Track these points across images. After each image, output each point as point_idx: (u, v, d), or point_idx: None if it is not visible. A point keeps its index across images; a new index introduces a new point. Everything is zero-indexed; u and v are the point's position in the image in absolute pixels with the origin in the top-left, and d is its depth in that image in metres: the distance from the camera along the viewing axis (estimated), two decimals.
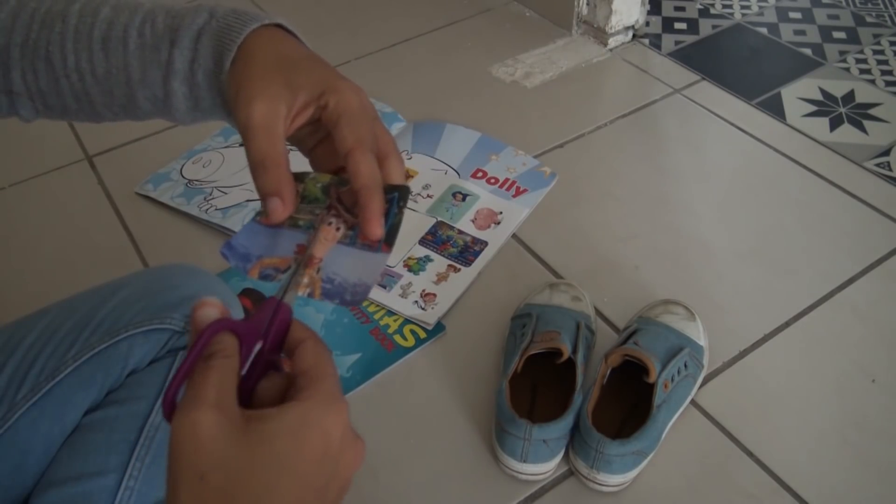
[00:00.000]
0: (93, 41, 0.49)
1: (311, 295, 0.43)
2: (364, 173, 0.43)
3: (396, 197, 0.45)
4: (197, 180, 1.15)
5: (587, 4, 1.43)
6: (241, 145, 1.21)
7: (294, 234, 0.44)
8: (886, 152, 1.19)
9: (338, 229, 0.44)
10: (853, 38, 1.46)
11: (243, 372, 0.37)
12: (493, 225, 1.08)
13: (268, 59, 0.45)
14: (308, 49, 0.48)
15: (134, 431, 0.65)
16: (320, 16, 1.58)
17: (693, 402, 0.85)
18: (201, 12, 0.49)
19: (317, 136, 0.48)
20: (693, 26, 1.50)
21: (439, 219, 1.08)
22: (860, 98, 1.30)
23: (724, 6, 1.56)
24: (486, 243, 1.05)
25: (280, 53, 0.46)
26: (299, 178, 0.45)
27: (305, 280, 0.43)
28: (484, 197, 1.12)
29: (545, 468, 0.77)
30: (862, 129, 1.24)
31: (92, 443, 0.65)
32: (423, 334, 0.93)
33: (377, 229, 0.43)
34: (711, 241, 1.05)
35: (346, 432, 0.37)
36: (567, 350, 0.80)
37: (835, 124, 1.25)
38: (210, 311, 0.40)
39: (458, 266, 1.01)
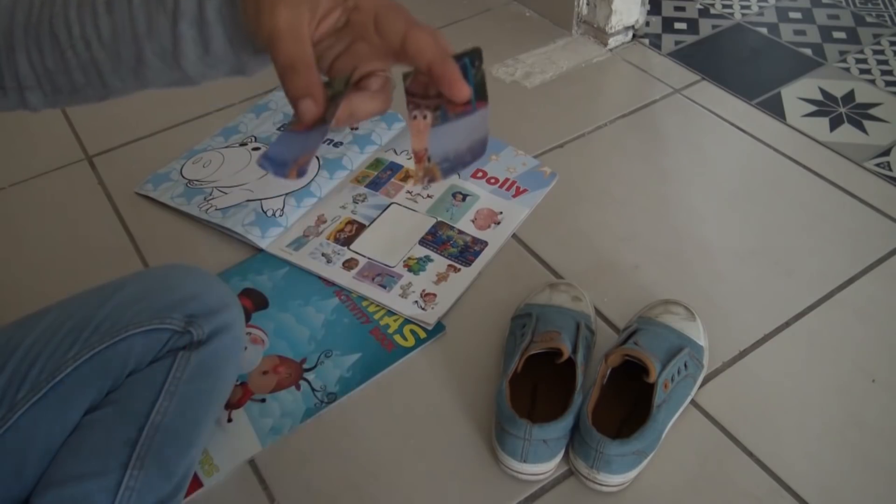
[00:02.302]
0: (96, 5, 0.49)
1: (432, 180, 0.45)
2: (428, 46, 0.43)
3: (468, 61, 0.45)
4: (197, 180, 1.15)
5: (587, 4, 1.43)
6: (241, 145, 1.21)
7: (322, 128, 0.44)
8: (886, 152, 1.19)
9: (424, 117, 0.45)
10: (853, 38, 1.46)
11: None
12: (493, 225, 1.08)
13: None
14: None
15: (134, 431, 0.65)
16: None
17: (693, 402, 0.85)
18: None
19: (337, 48, 0.47)
20: (693, 26, 1.50)
21: (439, 219, 1.08)
22: (860, 98, 1.30)
23: (724, 6, 1.56)
24: (486, 243, 1.05)
25: None
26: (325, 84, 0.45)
27: (421, 173, 0.45)
28: (484, 197, 1.12)
29: (545, 468, 0.77)
30: (862, 129, 1.24)
31: (92, 443, 0.65)
32: (423, 334, 0.93)
33: (462, 88, 0.43)
34: (711, 241, 1.05)
35: None
36: (567, 350, 0.80)
37: (835, 124, 1.25)
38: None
39: (458, 266, 1.01)
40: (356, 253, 1.03)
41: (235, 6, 0.46)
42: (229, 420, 0.85)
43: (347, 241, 1.05)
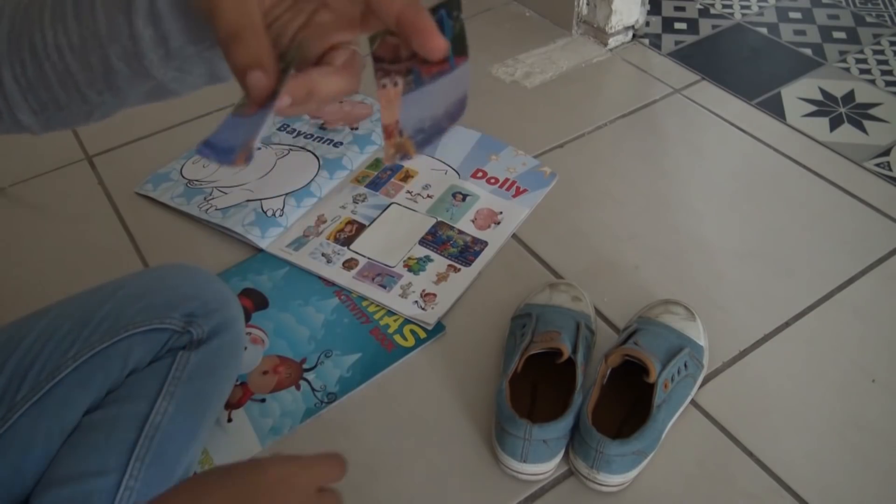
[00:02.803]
0: (66, 11, 0.48)
1: (405, 157, 0.39)
2: None
3: (444, 13, 0.38)
4: (197, 180, 1.15)
5: (587, 4, 1.43)
6: None
7: (269, 104, 0.38)
8: (886, 152, 1.19)
9: (395, 84, 0.39)
10: (853, 38, 1.46)
11: None
12: (493, 225, 1.08)
13: None
14: None
15: (134, 431, 0.65)
16: None
17: (693, 402, 0.85)
18: None
19: (297, 20, 0.42)
20: (693, 26, 1.50)
21: (439, 219, 1.08)
22: (860, 98, 1.30)
23: (724, 6, 1.56)
24: (486, 243, 1.05)
25: None
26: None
27: (392, 150, 0.39)
28: (484, 197, 1.12)
29: (545, 468, 0.77)
30: (862, 129, 1.24)
31: (92, 442, 0.65)
32: (423, 334, 0.93)
33: (438, 41, 0.36)
34: (711, 241, 1.05)
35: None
36: (567, 350, 0.80)
37: (835, 124, 1.25)
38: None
39: (458, 266, 1.01)
40: (356, 253, 1.03)
41: None
42: (229, 420, 0.85)
43: (347, 241, 1.05)
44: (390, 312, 0.96)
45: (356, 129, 1.24)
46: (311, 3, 0.41)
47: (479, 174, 1.16)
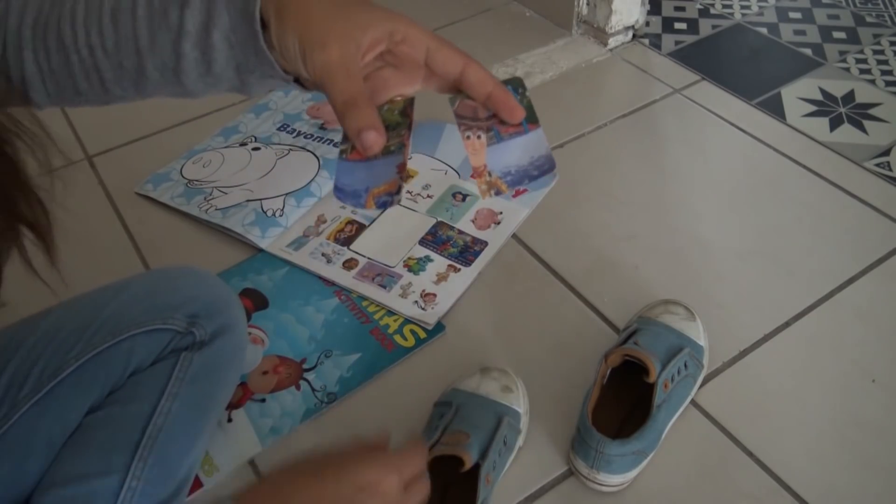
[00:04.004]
0: (102, 13, 0.49)
1: (498, 192, 0.48)
2: (488, 77, 0.48)
3: (512, 88, 0.50)
4: (197, 180, 1.15)
5: (587, 4, 1.43)
6: (241, 145, 1.21)
7: (388, 159, 0.47)
8: (886, 152, 1.19)
9: (479, 137, 0.49)
10: (853, 38, 1.46)
11: None
12: (493, 225, 1.08)
13: (318, 1, 0.46)
14: None
15: (136, 432, 0.65)
16: None
17: (693, 402, 0.85)
18: None
19: (368, 68, 0.48)
20: (693, 26, 1.50)
21: (439, 219, 1.08)
22: (860, 98, 1.30)
23: (724, 6, 1.57)
24: (486, 243, 1.05)
25: None
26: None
27: (484, 187, 0.48)
28: None
29: None
30: (862, 129, 1.24)
31: (94, 443, 0.65)
32: (423, 334, 0.94)
33: (519, 110, 0.48)
34: (711, 241, 1.05)
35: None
36: (470, 459, 0.70)
37: (835, 124, 1.25)
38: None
39: (458, 266, 1.01)
40: (356, 253, 1.03)
41: (252, 38, 0.46)
42: (229, 420, 0.85)
43: (347, 241, 1.05)
44: (390, 312, 0.96)
45: None
46: (384, 62, 0.48)
47: None
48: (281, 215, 1.08)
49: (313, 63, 0.44)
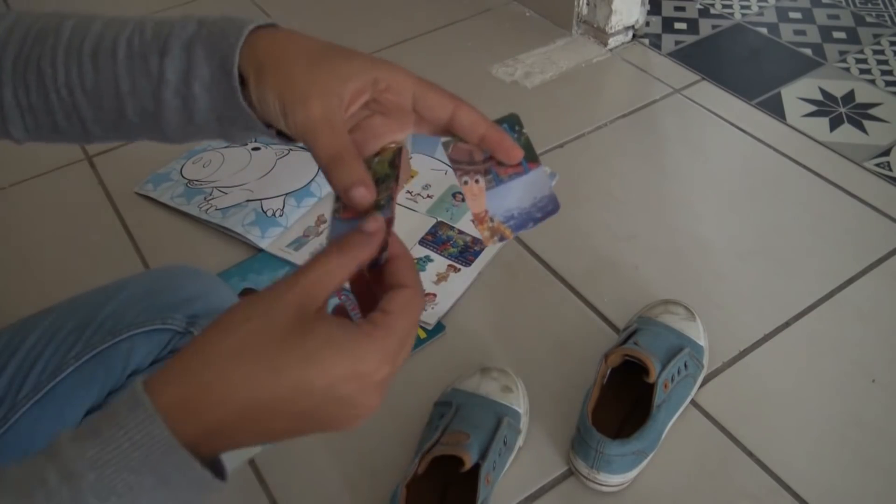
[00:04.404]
0: (83, 55, 0.49)
1: (502, 238, 0.46)
2: (480, 118, 0.46)
3: (507, 126, 0.47)
4: (197, 180, 1.15)
5: (587, 4, 1.43)
6: (241, 145, 1.21)
7: (377, 215, 0.43)
8: (886, 152, 1.19)
9: (476, 182, 0.47)
10: (853, 38, 1.46)
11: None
12: None
13: (297, 56, 0.45)
14: (320, 39, 0.48)
15: None
16: (320, 16, 1.58)
17: (693, 402, 0.85)
18: (190, 21, 0.48)
19: (354, 119, 0.47)
20: (693, 26, 1.50)
21: (439, 219, 1.08)
22: (860, 98, 1.30)
23: (724, 6, 1.57)
24: None
25: (303, 48, 0.46)
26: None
27: (487, 233, 0.46)
28: None
29: None
30: (862, 129, 1.24)
31: None
32: (423, 334, 0.93)
33: (517, 151, 0.46)
34: (711, 241, 1.05)
35: (368, 387, 0.38)
36: (470, 459, 0.70)
37: (835, 124, 1.25)
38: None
39: (458, 266, 1.01)
40: None
41: (231, 93, 0.46)
42: None
43: None
44: None
45: None
46: (370, 111, 0.47)
47: None
48: (281, 215, 1.08)
49: (295, 120, 0.43)
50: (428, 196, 1.12)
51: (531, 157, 0.47)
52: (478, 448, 0.73)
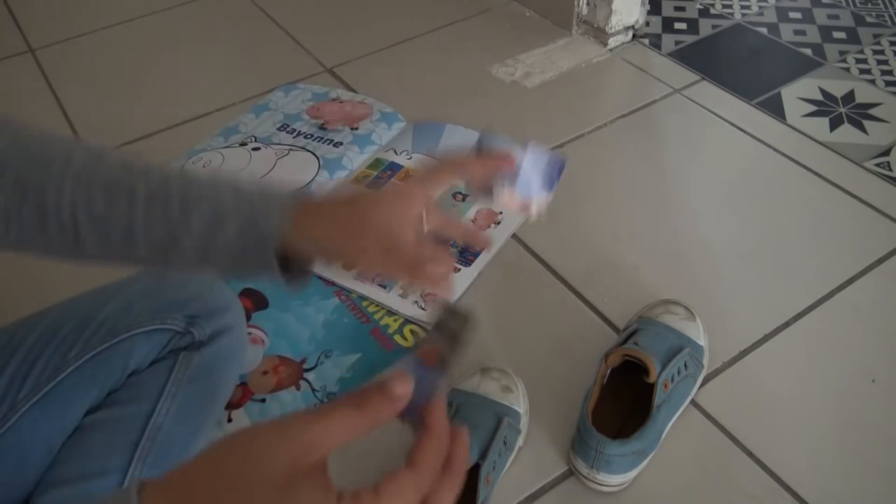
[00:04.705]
0: (93, 184, 0.49)
1: (543, 206, 0.56)
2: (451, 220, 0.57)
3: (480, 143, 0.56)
4: None
5: (587, 4, 1.43)
6: (241, 145, 1.22)
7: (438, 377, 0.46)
8: (886, 152, 1.19)
9: (502, 189, 0.55)
10: (853, 38, 1.46)
11: None
12: (493, 225, 1.08)
13: (330, 226, 0.51)
14: (340, 201, 0.52)
15: (136, 432, 0.65)
16: (320, 16, 1.58)
17: (693, 402, 0.85)
18: (222, 185, 0.52)
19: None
20: (693, 26, 1.50)
21: None
22: (860, 98, 1.30)
23: (724, 6, 1.57)
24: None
25: (332, 214, 0.51)
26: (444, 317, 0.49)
27: (534, 213, 0.55)
28: None
29: None
30: (862, 129, 1.24)
31: (93, 443, 0.65)
32: (423, 334, 0.93)
33: (510, 161, 0.54)
34: (711, 241, 1.05)
35: None
36: (470, 459, 0.70)
37: (835, 124, 1.25)
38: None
39: (458, 266, 1.01)
40: None
41: (262, 256, 0.50)
42: (229, 420, 0.85)
43: None
44: (390, 312, 0.96)
45: (356, 129, 1.24)
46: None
47: None
48: None
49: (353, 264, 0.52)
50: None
51: (523, 144, 0.55)
52: (477, 448, 0.73)
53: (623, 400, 0.82)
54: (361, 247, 0.49)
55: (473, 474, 0.71)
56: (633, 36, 1.45)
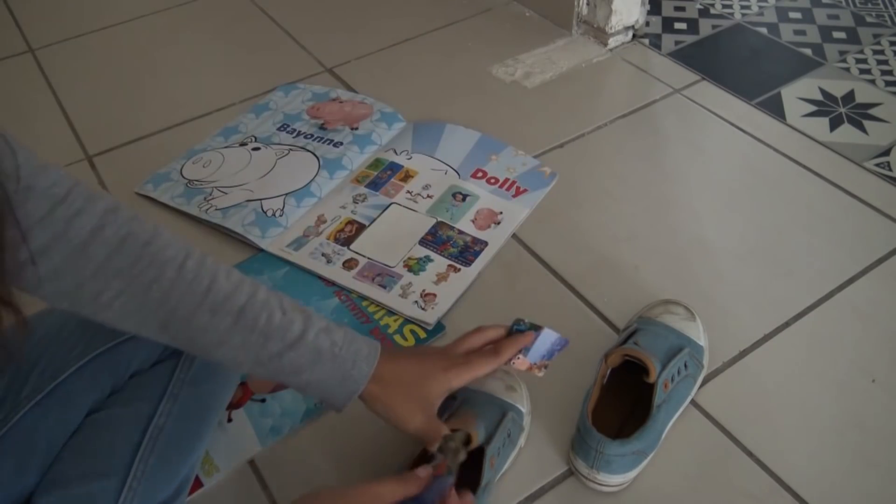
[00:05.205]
0: (203, 305, 0.58)
1: (544, 368, 0.77)
2: (502, 356, 0.75)
3: (516, 327, 0.78)
4: (197, 180, 1.15)
5: (587, 4, 1.43)
6: (241, 145, 1.22)
7: (448, 477, 0.66)
8: (886, 152, 1.19)
9: (519, 358, 0.76)
10: (853, 38, 1.46)
11: None
12: (493, 225, 1.08)
13: (398, 387, 0.67)
14: (410, 359, 0.70)
15: (137, 433, 0.65)
16: (320, 16, 1.58)
17: (693, 402, 0.85)
18: (317, 328, 0.63)
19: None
20: (693, 26, 1.50)
21: (439, 219, 1.08)
22: (860, 98, 1.30)
23: (724, 6, 1.57)
24: (486, 243, 1.05)
25: (401, 377, 0.68)
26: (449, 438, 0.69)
27: (537, 371, 0.77)
28: (484, 197, 1.12)
29: None
30: (862, 129, 1.24)
31: (95, 444, 0.65)
32: (423, 334, 0.94)
33: (528, 339, 0.77)
34: (711, 241, 1.05)
35: None
36: (478, 437, 0.72)
37: (835, 124, 1.25)
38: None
39: (458, 266, 1.01)
40: (356, 253, 1.03)
41: (338, 400, 0.65)
42: (229, 420, 0.85)
43: (347, 241, 1.05)
44: (390, 312, 0.96)
45: (356, 129, 1.24)
46: None
47: (479, 174, 1.16)
48: (281, 215, 1.08)
49: (406, 429, 0.68)
50: (428, 196, 1.12)
51: (537, 328, 0.76)
52: (484, 431, 0.74)
53: (623, 400, 0.82)
54: (411, 418, 0.67)
55: (479, 455, 0.72)
56: (633, 36, 1.46)
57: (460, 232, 1.06)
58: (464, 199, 1.11)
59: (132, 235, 0.55)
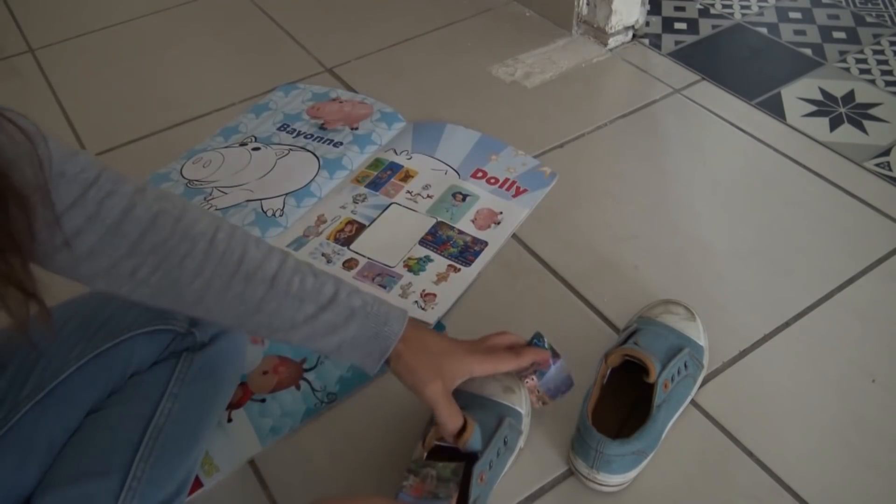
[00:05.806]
0: (237, 275, 0.59)
1: (544, 403, 0.82)
2: (525, 359, 0.78)
3: (537, 340, 0.80)
4: (197, 180, 1.15)
5: (587, 4, 1.43)
6: (241, 145, 1.22)
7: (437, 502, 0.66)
8: (886, 152, 1.19)
9: (532, 378, 0.80)
10: (853, 38, 1.46)
11: None
12: (493, 225, 1.08)
13: (424, 353, 0.68)
14: (439, 338, 0.72)
15: (137, 432, 0.65)
16: (320, 16, 1.59)
17: (693, 402, 0.85)
18: (353, 293, 0.65)
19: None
20: (693, 26, 1.50)
21: (439, 219, 1.08)
22: (860, 98, 1.30)
23: (724, 6, 1.57)
24: (486, 243, 1.05)
25: (428, 346, 0.69)
26: (430, 465, 0.70)
27: (535, 400, 0.81)
28: (484, 197, 1.12)
29: None
30: (862, 129, 1.24)
31: (95, 443, 0.65)
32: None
33: (547, 355, 0.80)
34: (711, 241, 1.05)
35: None
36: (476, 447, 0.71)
37: (835, 124, 1.25)
38: None
39: (458, 266, 1.01)
40: (356, 253, 1.03)
41: (372, 358, 0.66)
42: (229, 420, 0.85)
43: (347, 241, 1.05)
44: None
45: (356, 129, 1.24)
46: None
47: (479, 174, 1.16)
48: (281, 215, 1.08)
49: (423, 394, 0.67)
50: (428, 196, 1.12)
51: (554, 354, 0.79)
52: (480, 442, 0.72)
53: (623, 400, 0.82)
54: (431, 382, 0.68)
55: (467, 472, 0.71)
56: (633, 36, 1.46)
57: (460, 232, 1.06)
58: (464, 199, 1.11)
59: (163, 212, 0.56)
